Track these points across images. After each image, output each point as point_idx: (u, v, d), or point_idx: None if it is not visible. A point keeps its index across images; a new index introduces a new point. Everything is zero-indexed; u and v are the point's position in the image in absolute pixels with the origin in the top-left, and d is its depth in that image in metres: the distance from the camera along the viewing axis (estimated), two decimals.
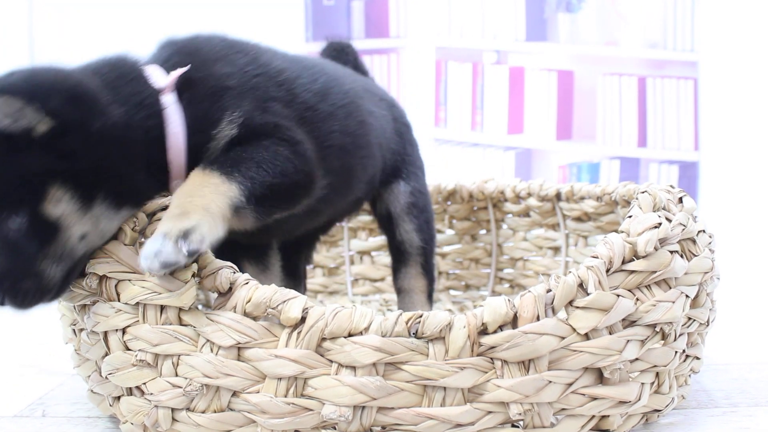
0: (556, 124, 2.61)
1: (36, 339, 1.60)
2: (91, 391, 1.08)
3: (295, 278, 1.47)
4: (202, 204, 0.93)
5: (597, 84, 2.60)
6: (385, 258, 1.84)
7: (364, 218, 1.83)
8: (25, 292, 0.94)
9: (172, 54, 1.08)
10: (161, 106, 1.01)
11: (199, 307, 0.98)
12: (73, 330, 1.10)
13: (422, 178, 1.46)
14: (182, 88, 1.03)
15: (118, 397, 1.02)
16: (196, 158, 1.02)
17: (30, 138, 0.93)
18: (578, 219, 1.66)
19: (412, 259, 1.42)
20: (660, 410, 1.05)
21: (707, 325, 1.11)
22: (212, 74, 1.06)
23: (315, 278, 1.77)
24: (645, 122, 2.59)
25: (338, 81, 1.25)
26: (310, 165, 1.08)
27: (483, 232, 1.78)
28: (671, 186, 1.17)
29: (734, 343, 1.48)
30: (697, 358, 1.12)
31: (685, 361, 1.08)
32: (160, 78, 1.03)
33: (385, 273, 1.83)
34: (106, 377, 1.00)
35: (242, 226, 1.01)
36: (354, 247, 1.84)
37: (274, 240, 1.29)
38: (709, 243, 1.13)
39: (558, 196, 1.67)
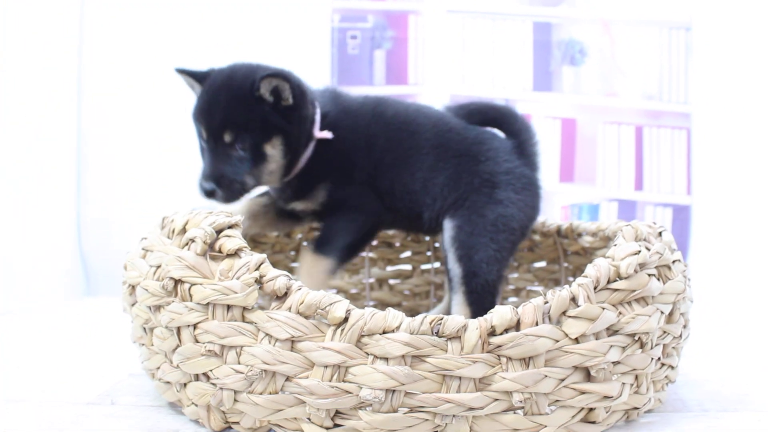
0: (560, 167, 2.76)
1: (91, 343, 1.80)
2: (159, 379, 1.27)
3: None
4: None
5: (597, 131, 2.75)
6: (401, 285, 2.03)
7: (383, 249, 2.03)
8: (233, 191, 1.53)
9: None
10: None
11: None
12: (144, 328, 1.30)
13: (477, 220, 1.60)
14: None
15: (185, 384, 1.21)
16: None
17: (278, 103, 1.53)
18: (576, 253, 1.84)
19: (456, 287, 1.58)
20: (638, 408, 1.24)
21: (680, 339, 1.30)
22: None
23: None
24: (641, 167, 2.74)
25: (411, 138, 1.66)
26: (373, 217, 1.65)
27: None
28: (653, 222, 1.37)
29: (715, 362, 1.65)
30: (672, 367, 1.31)
31: (661, 368, 1.27)
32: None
33: (401, 299, 2.02)
34: (177, 366, 1.20)
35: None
36: (373, 275, 2.03)
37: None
38: (684, 271, 1.32)
39: (558, 232, 1.86)
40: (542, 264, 1.93)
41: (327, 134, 1.60)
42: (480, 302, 1.57)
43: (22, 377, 1.52)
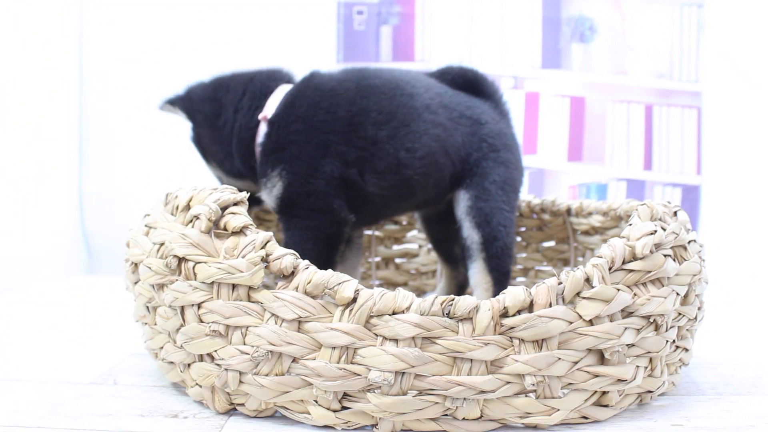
0: (568, 146, 2.73)
1: (93, 322, 1.78)
2: (163, 360, 1.25)
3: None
4: None
5: (607, 110, 2.72)
6: (407, 264, 2.01)
7: (390, 228, 2.00)
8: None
9: None
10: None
11: None
12: (147, 307, 1.27)
13: (489, 187, 1.59)
14: None
15: (189, 365, 1.19)
16: None
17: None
18: (586, 233, 1.82)
19: (474, 254, 1.56)
20: (652, 391, 1.21)
21: (695, 321, 1.27)
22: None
23: None
24: (651, 147, 2.71)
25: (411, 103, 1.58)
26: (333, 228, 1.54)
27: None
28: (668, 201, 1.34)
29: (726, 345, 1.64)
30: (686, 350, 1.28)
31: (675, 351, 1.24)
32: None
33: (407, 278, 2.01)
34: (180, 346, 1.17)
35: None
36: (380, 254, 2.01)
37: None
38: (699, 251, 1.29)
39: (568, 212, 1.83)
40: (551, 243, 1.91)
41: (267, 112, 1.56)
42: (501, 267, 1.57)
43: (23, 356, 1.50)
